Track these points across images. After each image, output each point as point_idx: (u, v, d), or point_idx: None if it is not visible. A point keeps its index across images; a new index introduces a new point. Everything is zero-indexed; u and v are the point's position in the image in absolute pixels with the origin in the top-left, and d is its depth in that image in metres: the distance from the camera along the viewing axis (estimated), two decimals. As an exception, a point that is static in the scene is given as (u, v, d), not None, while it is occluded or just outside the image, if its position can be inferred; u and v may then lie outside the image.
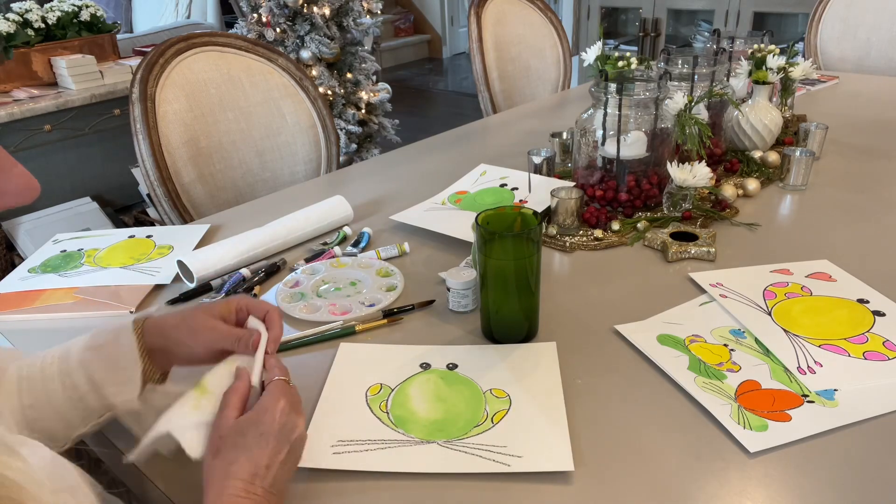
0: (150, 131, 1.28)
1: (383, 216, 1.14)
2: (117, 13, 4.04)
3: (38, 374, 0.61)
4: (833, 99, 1.79)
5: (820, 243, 0.99)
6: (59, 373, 0.61)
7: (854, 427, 0.64)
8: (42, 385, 0.60)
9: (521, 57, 2.11)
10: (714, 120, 1.28)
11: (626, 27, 4.50)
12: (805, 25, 2.40)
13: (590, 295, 0.89)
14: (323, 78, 2.80)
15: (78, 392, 0.60)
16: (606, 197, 1.09)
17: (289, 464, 0.55)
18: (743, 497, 0.57)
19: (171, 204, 1.31)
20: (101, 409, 0.61)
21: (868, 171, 1.27)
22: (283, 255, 1.02)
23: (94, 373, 0.60)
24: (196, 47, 1.38)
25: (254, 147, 1.45)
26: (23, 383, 0.61)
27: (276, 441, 0.54)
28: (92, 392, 0.60)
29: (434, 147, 1.53)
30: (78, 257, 1.04)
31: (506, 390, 0.70)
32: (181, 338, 0.62)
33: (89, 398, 0.60)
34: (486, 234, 0.74)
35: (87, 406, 0.60)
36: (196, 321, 0.63)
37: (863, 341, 0.75)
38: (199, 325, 0.62)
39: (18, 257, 2.36)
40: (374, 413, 0.68)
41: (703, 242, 0.97)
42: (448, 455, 0.62)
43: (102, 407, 0.61)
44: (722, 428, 0.64)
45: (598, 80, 1.07)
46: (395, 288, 0.91)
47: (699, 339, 0.77)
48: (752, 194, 1.16)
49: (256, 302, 0.66)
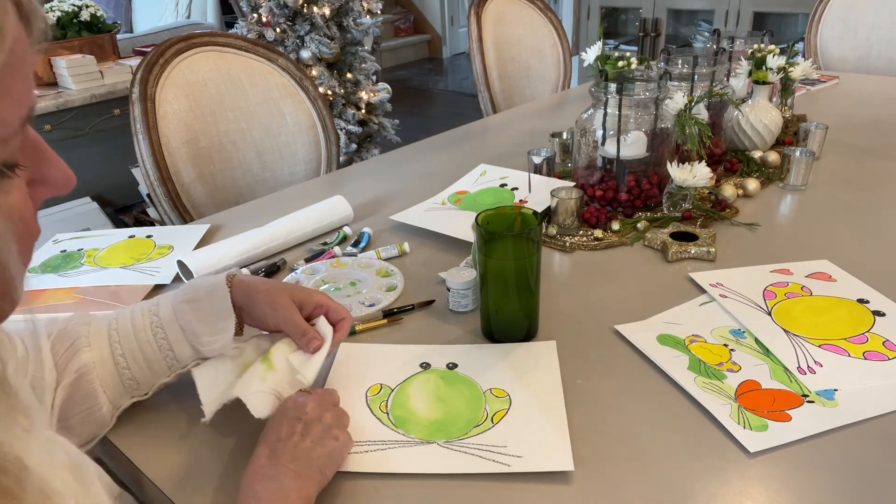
0: (150, 131, 1.28)
1: (383, 216, 1.14)
2: (117, 13, 4.04)
3: (130, 326, 0.66)
4: (833, 99, 1.79)
5: (820, 243, 0.99)
6: (151, 325, 0.66)
7: (854, 427, 0.64)
8: (134, 336, 0.66)
9: (521, 57, 2.11)
10: (714, 120, 1.28)
11: (626, 27, 4.50)
12: (805, 25, 2.40)
13: (590, 295, 0.89)
14: (323, 78, 2.80)
15: (168, 342, 0.66)
16: (606, 197, 1.09)
17: (317, 450, 0.58)
18: (743, 497, 0.57)
19: (171, 204, 1.31)
20: (187, 359, 0.67)
21: (868, 171, 1.27)
22: (283, 255, 1.02)
23: (189, 323, 0.66)
24: (196, 47, 1.38)
25: (254, 147, 1.45)
26: (113, 335, 0.66)
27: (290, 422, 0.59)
28: (183, 342, 0.66)
29: (434, 147, 1.53)
30: (78, 257, 1.04)
31: (506, 389, 0.70)
32: (261, 307, 0.68)
33: (180, 347, 0.66)
34: (486, 234, 0.74)
35: (175, 355, 0.67)
36: (279, 300, 0.68)
37: (863, 341, 0.75)
38: (280, 305, 0.68)
39: (18, 257, 2.36)
40: (374, 414, 0.68)
41: (703, 242, 0.97)
42: (448, 455, 0.62)
43: (190, 356, 0.67)
44: (722, 428, 0.64)
45: (598, 80, 1.07)
46: (395, 288, 0.91)
47: (699, 339, 0.77)
48: (752, 194, 1.16)
49: (337, 306, 0.72)
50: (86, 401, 0.63)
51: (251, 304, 0.69)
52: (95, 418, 0.64)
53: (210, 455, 0.64)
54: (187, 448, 0.65)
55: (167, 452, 0.65)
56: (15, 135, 0.36)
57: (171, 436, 0.66)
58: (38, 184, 0.40)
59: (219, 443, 0.65)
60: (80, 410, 0.63)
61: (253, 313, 0.69)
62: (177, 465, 0.63)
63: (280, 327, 0.69)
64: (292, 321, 0.68)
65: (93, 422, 0.64)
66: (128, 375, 0.65)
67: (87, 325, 0.66)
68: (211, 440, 0.66)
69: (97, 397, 0.64)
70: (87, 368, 0.63)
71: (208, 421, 0.63)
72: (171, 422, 0.68)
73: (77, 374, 0.62)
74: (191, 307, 0.67)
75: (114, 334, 0.66)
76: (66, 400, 0.62)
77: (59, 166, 0.42)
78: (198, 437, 0.66)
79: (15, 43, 0.34)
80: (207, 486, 0.60)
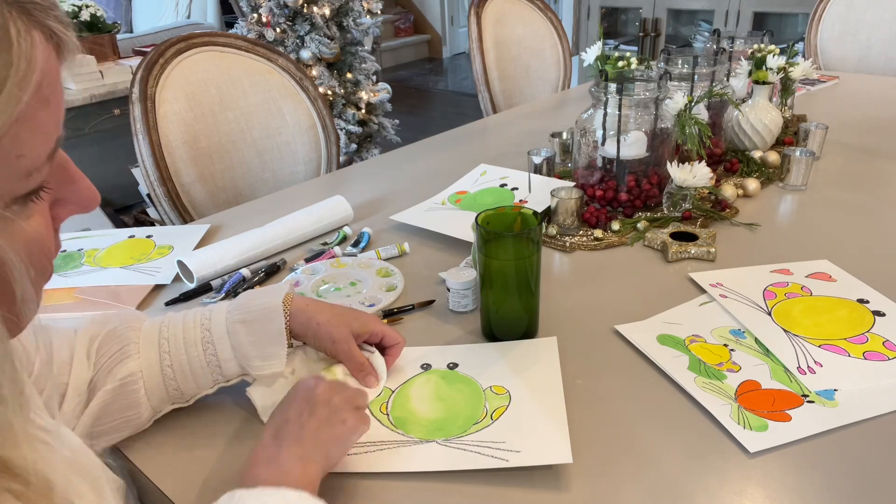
0: (150, 131, 1.28)
1: (383, 216, 1.14)
2: (117, 13, 4.04)
3: (181, 337, 0.65)
4: (833, 99, 1.79)
5: (820, 243, 0.99)
6: (202, 339, 0.65)
7: (854, 427, 0.64)
8: (185, 349, 0.65)
9: (521, 57, 2.11)
10: (714, 120, 1.28)
11: (626, 27, 4.50)
12: (805, 25, 2.40)
13: (590, 295, 0.89)
14: (323, 78, 2.80)
15: (218, 359, 0.65)
16: (606, 197, 1.09)
17: (323, 433, 0.57)
18: (743, 497, 0.57)
19: (171, 204, 1.31)
20: (234, 376, 0.67)
21: (868, 171, 1.27)
22: (283, 255, 1.02)
23: (241, 345, 0.65)
24: (196, 47, 1.38)
25: (254, 147, 1.45)
26: (164, 344, 0.65)
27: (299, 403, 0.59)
28: (233, 361, 0.66)
29: (434, 147, 1.53)
30: (78, 257, 1.04)
31: (505, 386, 0.70)
32: (321, 340, 0.69)
33: (228, 366, 0.66)
34: (486, 234, 0.74)
35: (222, 372, 0.66)
36: (338, 334, 0.68)
37: (863, 341, 0.75)
38: (339, 338, 0.68)
39: (18, 257, 2.36)
40: (373, 415, 0.67)
41: (703, 242, 0.97)
42: (446, 453, 0.62)
43: (237, 374, 0.67)
44: (722, 428, 0.64)
45: (598, 80, 1.07)
46: (395, 288, 0.91)
47: (699, 339, 0.77)
48: (752, 194, 1.16)
49: (391, 333, 0.72)
50: (127, 409, 0.62)
51: (310, 335, 0.69)
52: (133, 424, 0.64)
53: (217, 463, 0.64)
54: (192, 454, 0.65)
55: (168, 453, 0.64)
56: (43, 167, 0.34)
57: (175, 441, 0.66)
58: (63, 203, 0.39)
59: (229, 449, 0.65)
60: (118, 417, 0.62)
61: (310, 342, 0.70)
62: (178, 465, 0.63)
63: (338, 359, 0.70)
64: (352, 356, 0.69)
65: (129, 427, 0.64)
66: (173, 386, 0.65)
67: (137, 331, 0.65)
68: (220, 445, 0.66)
69: (139, 406, 0.63)
70: (134, 378, 0.62)
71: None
72: (177, 428, 0.68)
73: (122, 381, 0.62)
74: (244, 328, 0.66)
75: (164, 343, 0.65)
76: (106, 406, 0.61)
77: (86, 187, 0.40)
78: (205, 442, 0.66)
79: (44, 75, 0.32)
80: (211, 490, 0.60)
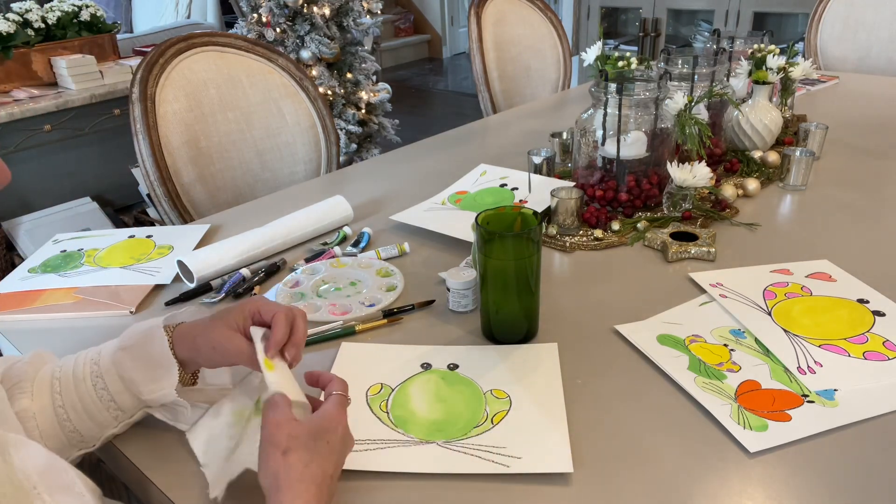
0: (150, 131, 1.28)
1: (383, 216, 1.14)
2: (117, 13, 4.04)
3: (71, 375, 0.62)
4: (833, 99, 1.79)
5: (820, 243, 0.99)
6: (91, 374, 0.62)
7: (854, 427, 0.64)
8: (74, 386, 0.62)
9: (521, 57, 2.11)
10: (714, 120, 1.28)
11: (626, 27, 4.50)
12: (805, 25, 2.40)
13: (590, 295, 0.89)
14: (323, 78, 2.80)
15: (109, 392, 0.62)
16: (606, 197, 1.09)
17: (337, 478, 0.56)
18: (743, 497, 0.57)
19: (171, 204, 1.31)
20: (133, 409, 0.63)
21: (868, 171, 1.27)
22: (283, 255, 1.02)
23: (127, 371, 0.62)
24: (196, 47, 1.38)
25: (254, 147, 1.45)
26: (55, 384, 0.62)
27: (339, 455, 0.56)
28: (125, 391, 0.62)
29: (434, 147, 1.53)
30: (78, 257, 1.04)
31: (506, 391, 0.70)
32: (207, 353, 0.62)
33: (122, 398, 0.62)
34: (486, 234, 0.74)
35: (118, 406, 0.62)
36: (217, 337, 0.61)
37: (863, 341, 0.75)
38: (220, 341, 0.61)
39: (18, 257, 2.36)
40: (373, 413, 0.68)
41: (703, 242, 0.97)
42: (447, 455, 0.62)
43: (135, 406, 0.63)
44: (722, 428, 0.64)
45: (598, 80, 1.07)
46: (395, 288, 0.91)
47: (699, 339, 0.77)
48: (752, 194, 1.16)
49: (266, 305, 0.63)
50: None
51: (198, 354, 0.62)
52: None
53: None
54: (188, 448, 0.65)
55: (170, 455, 0.64)
56: None
57: (174, 437, 0.66)
58: None
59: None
60: None
61: (204, 363, 0.64)
62: (178, 465, 0.63)
63: (232, 362, 0.63)
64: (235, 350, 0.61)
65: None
66: (69, 427, 0.61)
67: (36, 371, 0.63)
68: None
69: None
70: (23, 416, 0.59)
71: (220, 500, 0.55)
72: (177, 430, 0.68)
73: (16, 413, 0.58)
74: (127, 354, 0.62)
75: (56, 384, 0.62)
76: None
77: None
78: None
79: None
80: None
